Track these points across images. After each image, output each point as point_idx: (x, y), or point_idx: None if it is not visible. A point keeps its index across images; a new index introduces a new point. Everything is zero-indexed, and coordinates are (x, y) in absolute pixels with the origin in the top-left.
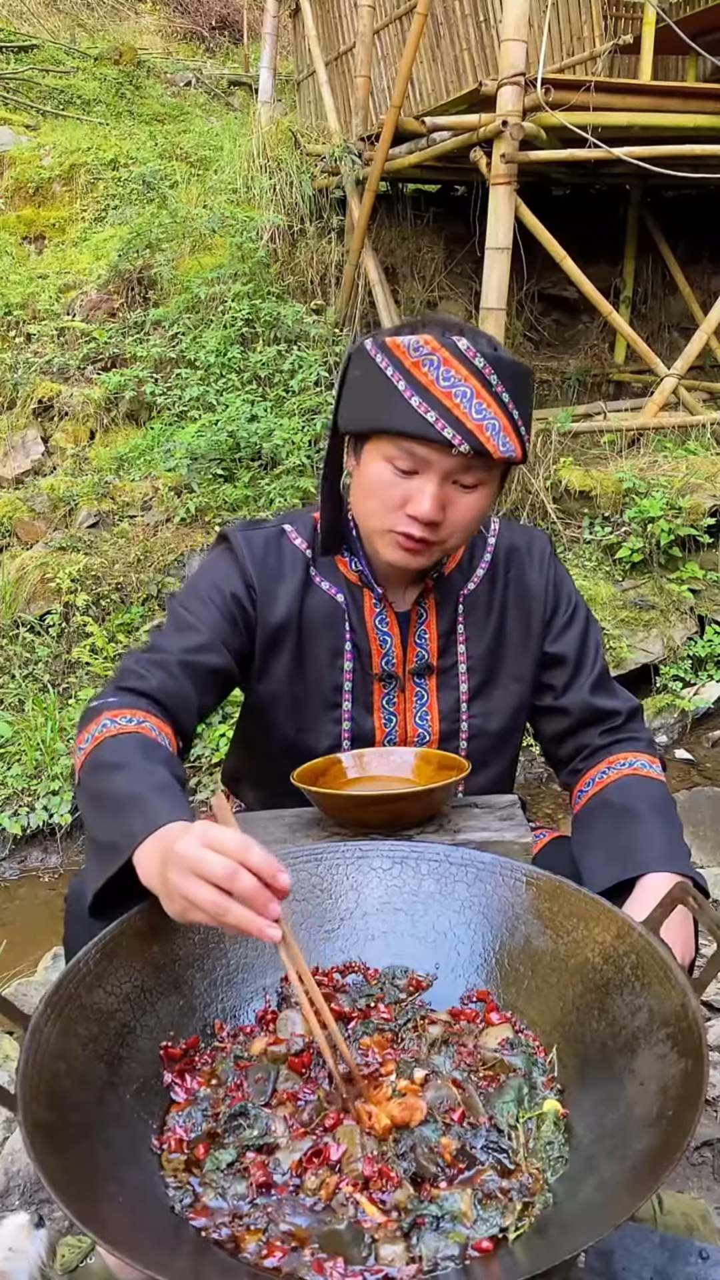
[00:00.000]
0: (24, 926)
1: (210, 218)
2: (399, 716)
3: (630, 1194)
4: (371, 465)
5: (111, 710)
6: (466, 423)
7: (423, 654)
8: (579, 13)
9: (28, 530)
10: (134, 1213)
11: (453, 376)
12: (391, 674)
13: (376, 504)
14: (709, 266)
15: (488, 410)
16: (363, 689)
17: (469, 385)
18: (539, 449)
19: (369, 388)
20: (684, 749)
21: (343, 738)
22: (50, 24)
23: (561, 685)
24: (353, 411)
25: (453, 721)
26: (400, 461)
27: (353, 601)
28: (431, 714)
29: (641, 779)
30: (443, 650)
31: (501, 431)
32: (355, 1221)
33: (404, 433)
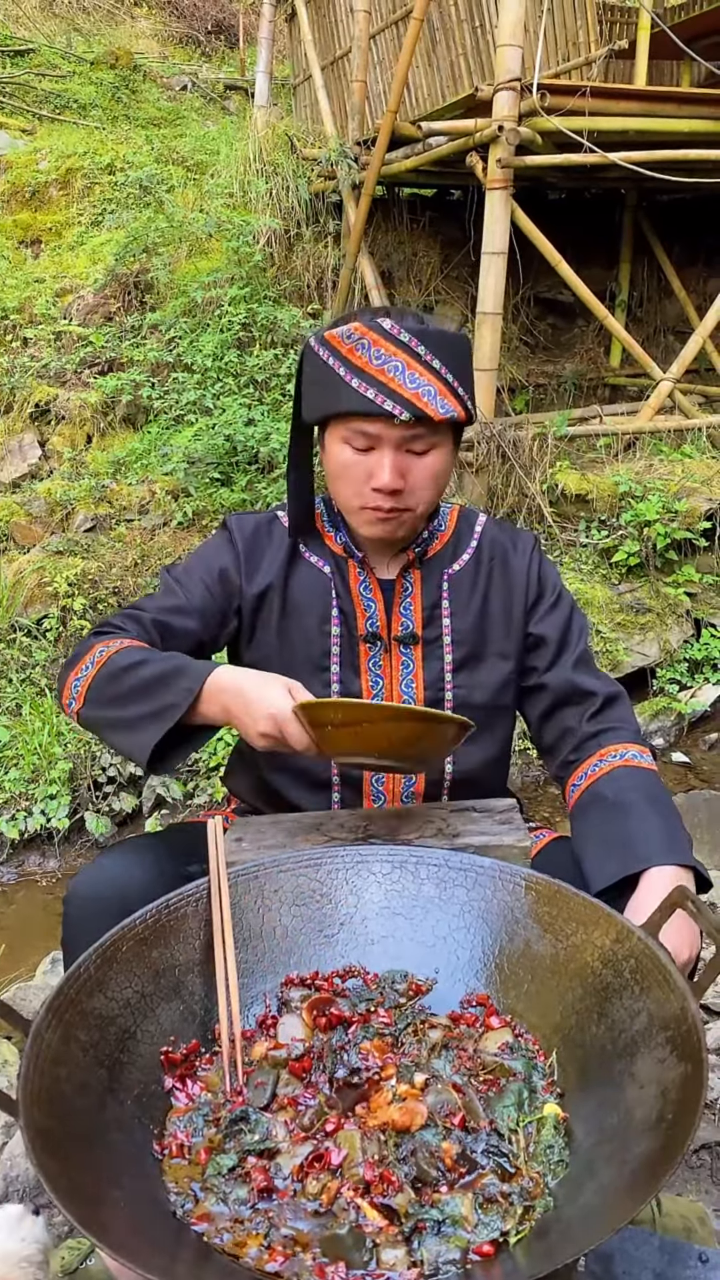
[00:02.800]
0: (22, 930)
1: (207, 222)
2: (385, 679)
3: (630, 1198)
4: (333, 449)
5: (101, 642)
6: (403, 392)
7: (407, 623)
8: (574, 18)
9: (25, 534)
10: (135, 1217)
11: (383, 354)
12: (376, 635)
13: (344, 484)
14: (704, 270)
15: (421, 378)
16: (350, 652)
17: (399, 359)
18: (535, 452)
19: (317, 379)
20: (680, 752)
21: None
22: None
23: (544, 665)
24: (309, 404)
25: (437, 690)
26: (355, 440)
27: (338, 571)
28: (417, 681)
29: (632, 769)
30: (427, 621)
31: (438, 395)
32: (356, 1226)
33: (351, 412)
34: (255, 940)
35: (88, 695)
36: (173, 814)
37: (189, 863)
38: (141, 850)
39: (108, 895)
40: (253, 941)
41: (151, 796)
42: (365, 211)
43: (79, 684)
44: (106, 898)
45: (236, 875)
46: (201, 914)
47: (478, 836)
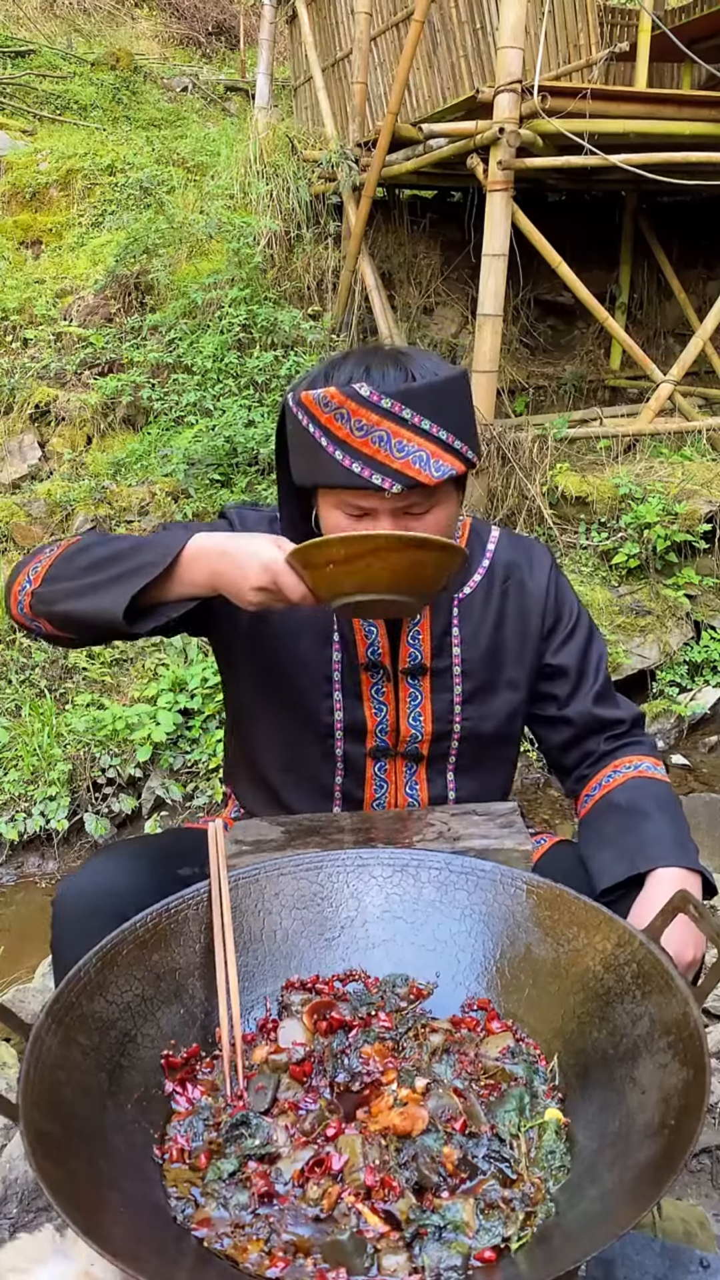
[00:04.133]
0: (21, 933)
1: (207, 223)
2: (389, 707)
3: (632, 1204)
4: (328, 514)
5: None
6: (392, 464)
7: (416, 654)
8: (575, 20)
9: (24, 535)
10: (135, 1223)
11: (365, 424)
12: (378, 664)
13: None
14: (704, 272)
15: (409, 445)
16: (351, 679)
17: (383, 429)
18: (535, 454)
19: (301, 444)
20: (680, 754)
21: (335, 727)
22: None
23: (564, 696)
24: (297, 467)
25: (446, 722)
26: (349, 510)
27: None
28: (425, 714)
29: (646, 779)
30: (436, 651)
31: (431, 459)
32: (357, 1231)
33: (338, 486)
34: (256, 944)
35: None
36: (172, 815)
37: (180, 866)
38: (131, 854)
39: (97, 898)
40: (253, 945)
41: (151, 798)
42: (365, 213)
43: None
44: (96, 901)
45: (237, 878)
46: (202, 917)
47: (479, 840)
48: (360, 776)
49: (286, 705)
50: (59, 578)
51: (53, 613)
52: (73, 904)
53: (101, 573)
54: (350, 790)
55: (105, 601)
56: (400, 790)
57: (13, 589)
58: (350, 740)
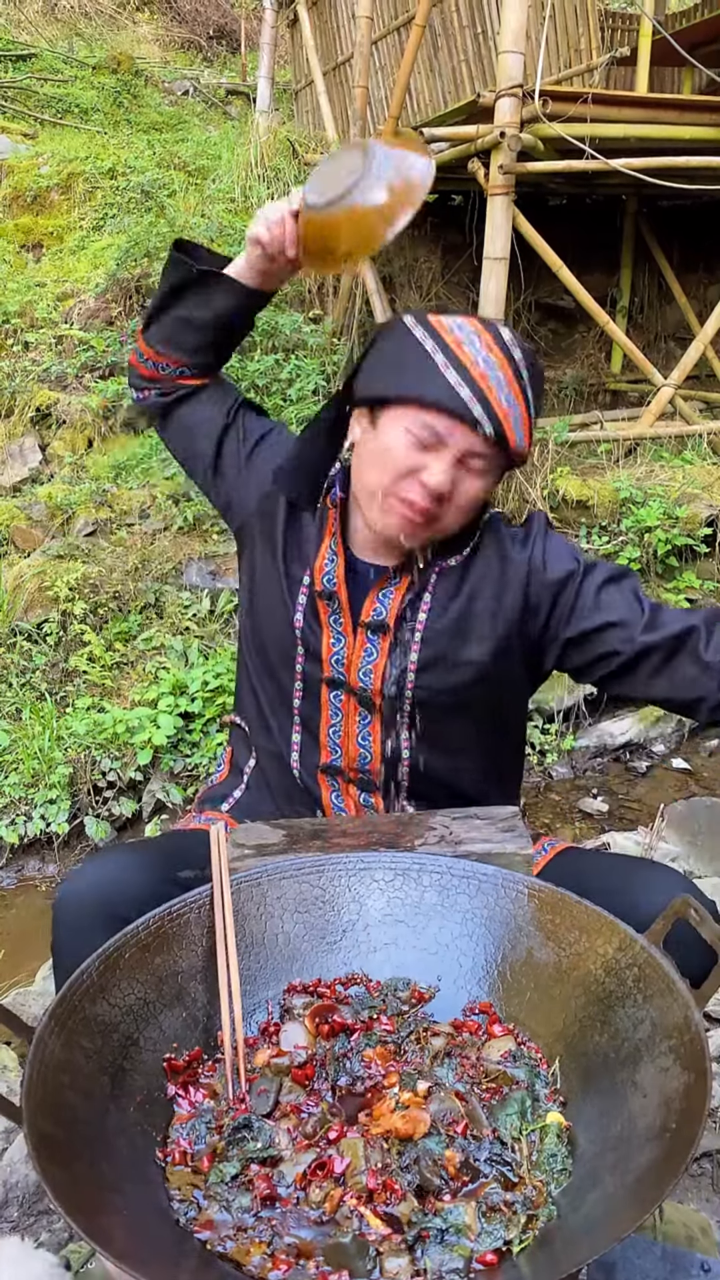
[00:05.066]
0: (21, 936)
1: (208, 226)
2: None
3: (634, 1207)
4: (388, 433)
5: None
6: (496, 407)
7: (381, 610)
8: (576, 25)
9: (25, 538)
10: (138, 1225)
11: (492, 361)
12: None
13: (384, 470)
14: (705, 276)
15: (515, 400)
16: (312, 606)
17: (504, 372)
18: (536, 458)
19: (402, 359)
20: (681, 758)
21: (296, 644)
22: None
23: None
24: (380, 380)
25: (398, 684)
26: (420, 434)
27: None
28: (375, 671)
29: None
30: (402, 615)
31: (520, 422)
32: (359, 1234)
33: (436, 404)
34: (257, 947)
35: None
36: (172, 818)
37: (179, 868)
38: (130, 855)
39: (97, 901)
40: (255, 948)
41: (151, 801)
42: None
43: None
44: (95, 903)
45: (239, 882)
46: (204, 921)
47: (480, 844)
48: (317, 700)
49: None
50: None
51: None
52: (72, 906)
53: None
54: (309, 715)
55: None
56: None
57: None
58: (309, 661)
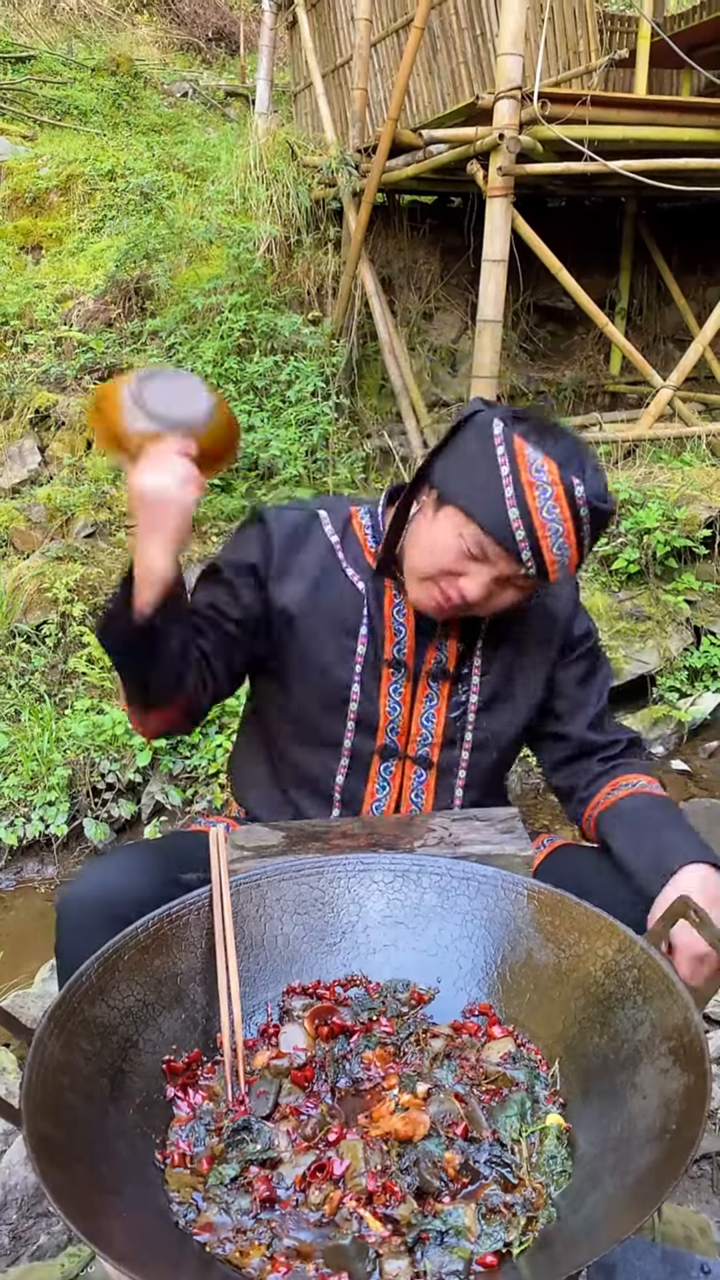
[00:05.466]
0: (20, 938)
1: (207, 228)
2: (404, 707)
3: (634, 1209)
4: (443, 530)
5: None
6: (546, 554)
7: (441, 658)
8: (575, 27)
9: (24, 540)
10: (137, 1227)
11: (556, 514)
12: (402, 662)
13: (430, 561)
14: (703, 278)
15: (567, 548)
16: (372, 673)
17: (564, 525)
18: None
19: (475, 467)
20: (680, 760)
21: (348, 719)
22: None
23: (566, 714)
24: (453, 477)
25: (458, 730)
26: (470, 546)
27: (372, 589)
28: (438, 716)
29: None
30: (460, 658)
31: (566, 567)
32: (359, 1236)
33: (492, 530)
34: (257, 949)
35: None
36: (171, 820)
37: (182, 870)
38: (134, 857)
39: (100, 902)
40: (254, 950)
41: (150, 803)
42: (366, 219)
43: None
44: (99, 905)
45: (238, 883)
46: (203, 922)
47: (480, 845)
48: (364, 775)
49: (305, 696)
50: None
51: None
52: (76, 908)
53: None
54: (353, 790)
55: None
56: (406, 794)
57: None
58: (360, 735)
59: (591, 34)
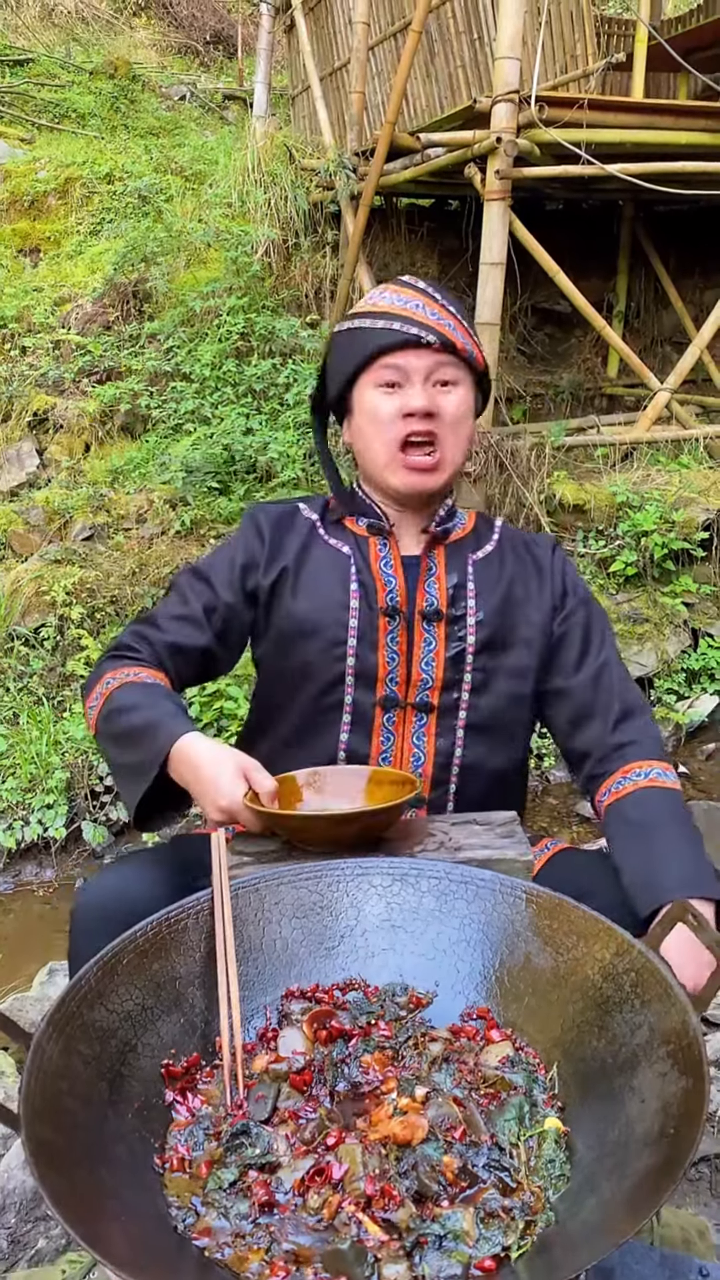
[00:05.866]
0: (18, 941)
1: (205, 231)
2: (401, 656)
3: (632, 1212)
4: (364, 400)
5: (110, 670)
6: (426, 321)
7: (432, 599)
8: (572, 31)
9: (22, 543)
10: (136, 1232)
11: (404, 296)
12: (396, 609)
13: (377, 429)
14: (701, 281)
15: (440, 314)
16: (369, 627)
17: (419, 299)
18: (532, 462)
19: (344, 349)
20: (678, 762)
21: (347, 673)
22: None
23: (569, 668)
24: (336, 372)
25: (457, 670)
26: (386, 375)
27: (359, 551)
28: (438, 659)
29: (658, 791)
30: (452, 600)
31: (457, 329)
32: (358, 1240)
33: (381, 348)
34: (256, 953)
35: (97, 725)
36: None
37: (197, 875)
38: (149, 863)
39: (115, 907)
40: (253, 954)
41: None
42: (363, 222)
43: (92, 711)
44: (114, 910)
45: (237, 887)
46: (202, 926)
47: (480, 850)
48: (368, 729)
49: (302, 658)
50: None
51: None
52: (89, 914)
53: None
54: (356, 747)
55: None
56: (407, 742)
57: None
58: (360, 688)
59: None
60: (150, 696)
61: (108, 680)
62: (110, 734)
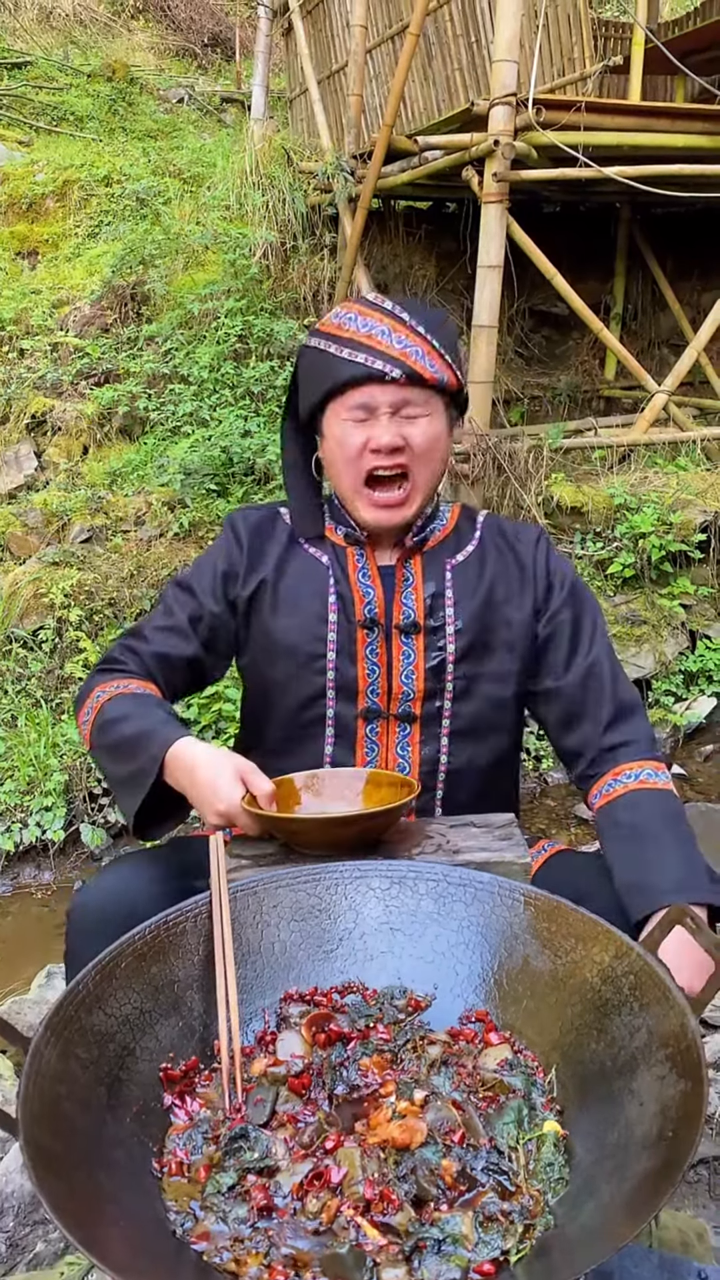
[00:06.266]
0: (17, 943)
1: (203, 234)
2: (381, 668)
3: (631, 1216)
4: (333, 430)
5: (100, 684)
6: (391, 352)
7: (409, 612)
8: (569, 34)
9: (20, 545)
10: (135, 1237)
11: (370, 321)
12: (374, 621)
13: (344, 459)
14: (698, 283)
15: (408, 340)
16: (347, 639)
17: (385, 324)
18: (530, 464)
19: (312, 369)
20: (676, 764)
21: (327, 686)
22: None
23: (558, 668)
24: (305, 395)
25: (438, 680)
26: (352, 411)
27: (336, 560)
28: (418, 671)
29: (649, 792)
30: (430, 610)
31: (426, 356)
32: (357, 1244)
33: (344, 382)
34: (254, 956)
35: (91, 739)
36: None
37: (195, 877)
38: (147, 865)
39: (113, 910)
40: (251, 957)
41: None
42: (361, 224)
43: (85, 726)
44: (112, 912)
45: (235, 891)
46: (200, 930)
47: (479, 853)
48: (351, 741)
49: (283, 671)
50: (97, 747)
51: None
52: (86, 916)
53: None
54: (341, 759)
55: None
56: (391, 752)
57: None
58: (342, 701)
59: (586, 41)
60: (141, 706)
61: (98, 694)
62: (104, 746)
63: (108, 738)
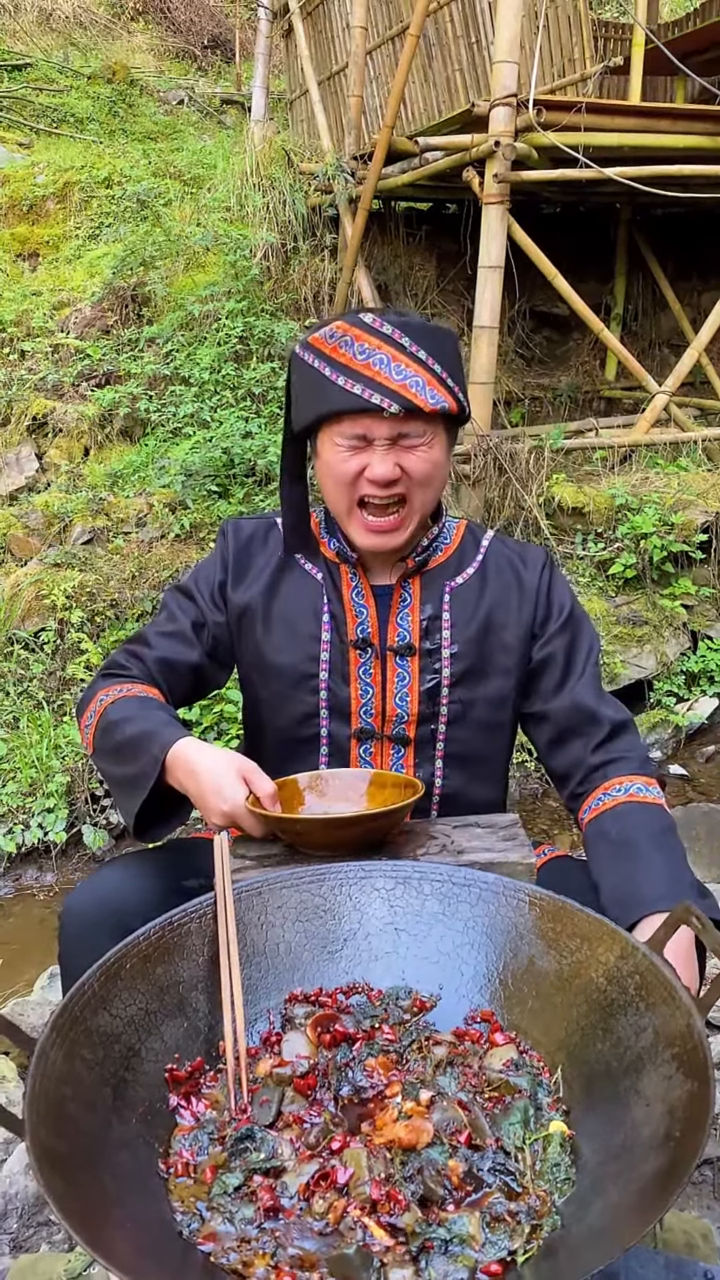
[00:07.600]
0: (19, 945)
1: (203, 235)
2: (375, 689)
3: (638, 1217)
4: (326, 452)
5: (104, 688)
6: (390, 385)
7: (404, 634)
8: (570, 35)
9: (22, 546)
10: (141, 1237)
11: (367, 348)
12: (367, 641)
13: (337, 486)
14: (699, 284)
15: (407, 369)
16: (340, 658)
17: (384, 352)
18: (531, 465)
19: (305, 386)
20: (678, 764)
21: (320, 706)
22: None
23: (550, 690)
24: (298, 412)
25: (432, 704)
26: (347, 439)
27: (330, 577)
28: (412, 694)
29: (638, 805)
30: (426, 632)
31: (426, 386)
32: (363, 1245)
33: (339, 412)
34: (259, 956)
35: (93, 743)
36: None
37: (185, 877)
38: (137, 865)
39: (103, 910)
40: (256, 958)
41: None
42: (362, 225)
43: (88, 730)
44: (102, 913)
45: (240, 891)
46: (205, 930)
47: (483, 853)
48: (345, 760)
49: (276, 689)
50: (99, 751)
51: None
52: (78, 917)
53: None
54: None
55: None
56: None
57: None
58: (335, 720)
59: (586, 41)
60: (143, 708)
61: (100, 698)
62: (106, 749)
63: (109, 740)
